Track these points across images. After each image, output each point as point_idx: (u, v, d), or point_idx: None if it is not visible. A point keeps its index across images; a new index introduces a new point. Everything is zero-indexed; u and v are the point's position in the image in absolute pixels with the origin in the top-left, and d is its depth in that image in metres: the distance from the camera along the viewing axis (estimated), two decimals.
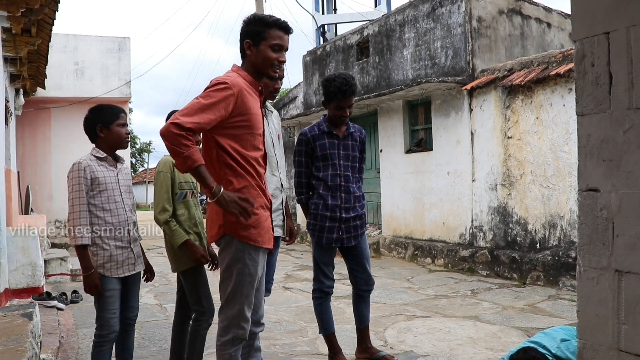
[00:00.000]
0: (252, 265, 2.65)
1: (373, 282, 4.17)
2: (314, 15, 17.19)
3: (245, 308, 2.66)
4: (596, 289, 1.90)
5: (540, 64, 7.53)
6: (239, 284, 2.64)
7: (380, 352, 4.16)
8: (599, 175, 1.89)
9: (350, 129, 4.06)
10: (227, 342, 2.66)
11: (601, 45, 1.90)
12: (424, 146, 9.76)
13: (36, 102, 12.24)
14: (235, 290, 2.64)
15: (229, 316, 2.66)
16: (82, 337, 4.93)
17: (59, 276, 8.00)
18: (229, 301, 2.66)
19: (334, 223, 3.91)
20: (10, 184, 7.97)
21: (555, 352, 2.95)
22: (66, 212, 3.17)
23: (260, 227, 2.69)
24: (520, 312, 5.74)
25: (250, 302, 2.68)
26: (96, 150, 3.29)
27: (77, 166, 3.15)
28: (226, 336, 2.66)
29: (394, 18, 10.24)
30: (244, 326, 2.67)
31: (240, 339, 2.68)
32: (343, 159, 3.95)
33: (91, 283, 3.10)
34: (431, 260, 9.08)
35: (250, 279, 2.65)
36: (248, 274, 2.65)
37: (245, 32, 2.74)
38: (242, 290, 2.64)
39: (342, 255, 4.13)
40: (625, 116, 1.81)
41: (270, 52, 2.70)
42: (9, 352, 2.63)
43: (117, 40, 13.35)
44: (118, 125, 3.28)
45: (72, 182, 3.13)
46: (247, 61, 2.77)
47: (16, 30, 6.28)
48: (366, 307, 4.18)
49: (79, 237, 3.06)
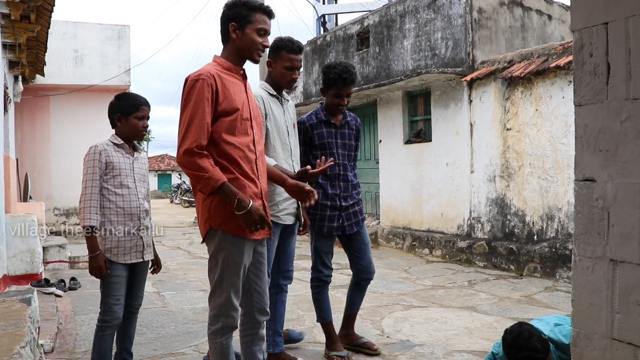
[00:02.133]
0: (236, 254, 2.64)
1: (374, 271, 4.15)
2: (315, 4, 17.15)
3: (232, 296, 2.64)
4: (591, 278, 1.91)
5: (540, 56, 7.52)
6: (224, 272, 2.63)
7: (361, 339, 4.18)
8: (595, 165, 1.90)
9: (347, 117, 4.07)
10: (217, 330, 2.66)
11: (600, 35, 1.91)
12: (423, 137, 9.76)
13: (35, 90, 12.20)
14: (221, 278, 2.64)
15: (217, 304, 2.66)
16: (80, 324, 4.95)
17: (57, 263, 8.02)
18: (215, 289, 2.67)
19: (335, 212, 3.92)
20: (9, 171, 7.97)
21: (548, 334, 2.98)
22: (65, 200, 3.21)
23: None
24: (516, 303, 5.77)
25: (236, 289, 2.66)
26: (114, 137, 3.36)
27: (93, 149, 3.21)
28: (216, 325, 2.67)
29: (394, 8, 10.20)
30: (232, 314, 2.66)
31: (230, 327, 2.68)
32: (341, 148, 3.96)
33: (96, 265, 3.12)
34: (429, 251, 9.11)
35: (235, 267, 2.64)
36: (233, 262, 2.63)
37: (230, 16, 2.69)
38: (227, 278, 2.63)
39: (342, 244, 4.13)
40: (623, 106, 1.82)
41: (256, 36, 2.68)
42: (8, 337, 2.64)
43: (117, 28, 13.29)
44: (136, 117, 3.33)
45: (87, 164, 3.18)
46: (230, 45, 2.73)
47: (15, 17, 6.24)
48: (360, 296, 4.19)
49: (87, 217, 3.10)
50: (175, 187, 31.60)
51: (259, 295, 2.85)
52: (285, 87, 3.63)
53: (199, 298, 6.01)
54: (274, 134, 3.50)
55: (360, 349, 4.11)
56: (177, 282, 6.95)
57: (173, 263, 8.57)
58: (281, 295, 3.77)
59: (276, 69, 3.54)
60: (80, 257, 8.12)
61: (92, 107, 12.95)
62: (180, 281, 7.05)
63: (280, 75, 3.54)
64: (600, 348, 1.87)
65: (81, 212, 3.15)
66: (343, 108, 3.97)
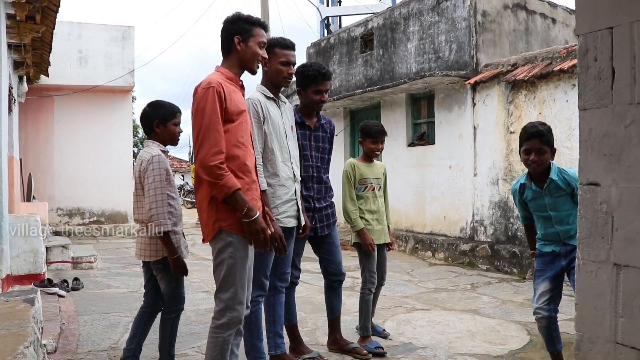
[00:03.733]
0: (242, 249, 2.75)
1: (344, 272, 4.19)
2: (319, 7, 17.16)
3: (239, 290, 2.74)
4: (595, 282, 1.91)
5: (544, 60, 7.52)
6: (232, 268, 2.73)
7: (350, 344, 4.17)
8: (599, 169, 1.91)
9: (322, 120, 4.10)
10: (222, 325, 2.73)
11: (604, 40, 1.91)
12: (427, 140, 9.76)
13: (39, 90, 12.23)
14: (228, 274, 2.73)
15: (224, 299, 2.74)
16: (83, 324, 4.96)
17: (60, 263, 8.03)
18: (223, 285, 2.75)
19: (308, 213, 3.90)
20: (12, 171, 7.99)
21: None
22: (68, 200, 3.26)
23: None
24: (519, 306, 5.76)
25: (243, 285, 2.76)
26: (157, 144, 3.51)
27: (158, 158, 3.39)
28: (221, 319, 2.73)
29: (398, 11, 10.21)
30: (238, 309, 2.74)
31: (235, 323, 2.76)
32: (314, 150, 3.97)
33: (181, 264, 3.38)
34: (432, 254, 9.10)
35: (242, 262, 2.75)
36: (239, 257, 2.74)
37: (233, 30, 2.88)
38: (235, 274, 2.73)
39: (312, 246, 4.11)
40: (627, 111, 1.82)
41: (258, 48, 2.90)
42: (11, 336, 2.65)
43: (121, 29, 13.32)
44: (174, 123, 3.54)
45: (155, 172, 3.34)
46: (232, 57, 2.91)
47: (20, 17, 6.27)
48: (337, 298, 4.19)
49: (164, 223, 3.29)
50: (177, 188, 31.67)
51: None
52: (282, 84, 3.64)
53: (201, 299, 6.02)
54: (272, 137, 3.51)
55: (349, 354, 4.10)
56: None
57: None
58: (278, 297, 3.72)
59: (272, 66, 3.56)
60: (83, 258, 8.14)
61: (96, 107, 13.00)
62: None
63: (276, 72, 3.56)
64: (603, 352, 1.87)
65: (153, 218, 3.30)
66: (323, 105, 4.00)
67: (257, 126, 3.43)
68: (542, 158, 3.29)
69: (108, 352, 4.18)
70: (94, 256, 8.31)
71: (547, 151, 3.29)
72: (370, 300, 4.31)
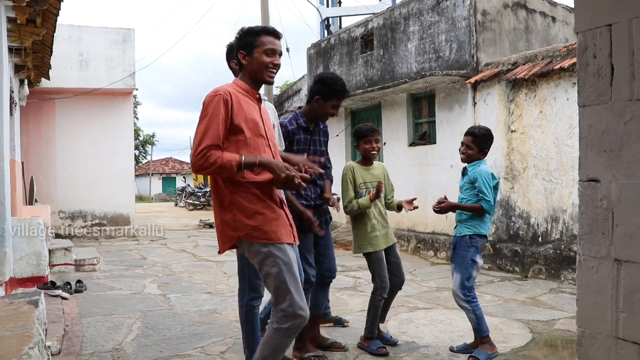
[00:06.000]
0: (282, 255, 2.73)
1: (336, 269, 4.24)
2: (319, 7, 17.16)
3: (295, 296, 2.69)
4: (595, 278, 1.92)
5: (545, 58, 7.52)
6: (279, 276, 2.70)
7: (328, 340, 4.24)
8: (599, 165, 1.92)
9: (320, 125, 4.15)
10: (282, 330, 2.70)
11: (603, 37, 1.92)
12: (428, 139, 9.77)
13: (40, 93, 12.25)
14: (278, 284, 2.70)
15: (284, 308, 2.70)
16: (87, 326, 4.97)
17: (63, 266, 8.05)
18: (278, 296, 2.71)
19: (310, 210, 3.96)
20: (15, 175, 8.01)
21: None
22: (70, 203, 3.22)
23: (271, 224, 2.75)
24: (521, 304, 5.77)
25: (297, 287, 2.72)
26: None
27: None
28: (283, 324, 2.70)
29: (398, 11, 10.22)
30: (301, 314, 2.70)
31: (297, 328, 2.73)
32: (312, 154, 4.03)
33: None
34: (434, 253, 9.10)
35: (287, 267, 2.72)
36: (283, 263, 2.71)
37: (239, 46, 2.91)
38: (285, 281, 2.70)
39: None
40: (626, 107, 1.83)
41: (264, 56, 2.86)
42: (16, 338, 2.67)
43: (122, 31, 13.33)
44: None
45: None
46: (244, 72, 2.93)
47: (21, 20, 6.29)
48: (324, 295, 4.25)
49: None
50: (179, 190, 31.68)
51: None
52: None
53: (204, 300, 6.03)
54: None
55: (328, 350, 4.15)
56: (182, 285, 6.97)
57: (178, 266, 8.59)
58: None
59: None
60: (86, 260, 8.15)
61: (97, 110, 13.02)
62: (186, 283, 7.07)
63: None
64: (605, 347, 1.88)
65: None
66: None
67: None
68: (469, 152, 4.16)
69: (112, 353, 4.19)
70: (97, 258, 8.32)
71: (473, 148, 4.14)
72: (379, 307, 4.25)
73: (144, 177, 50.58)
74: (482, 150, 4.13)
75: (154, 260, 9.17)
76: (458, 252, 4.08)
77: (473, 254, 4.01)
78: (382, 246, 4.27)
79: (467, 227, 4.08)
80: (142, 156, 55.03)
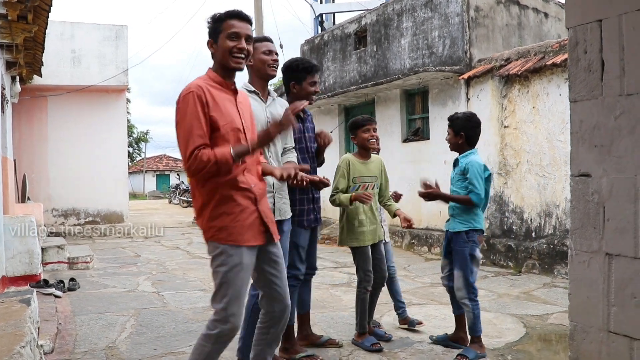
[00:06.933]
0: (236, 257, 2.63)
1: (316, 267, 4.18)
2: (312, 4, 17.15)
3: (231, 301, 2.60)
4: (587, 272, 1.93)
5: (537, 54, 7.54)
6: (224, 277, 2.61)
7: (322, 337, 4.22)
8: (590, 160, 1.92)
9: (306, 112, 4.08)
10: (210, 336, 2.62)
11: (594, 32, 1.93)
12: (421, 135, 9.78)
13: (33, 90, 12.18)
14: (220, 283, 2.62)
15: (217, 309, 2.62)
16: (80, 324, 4.96)
17: (56, 264, 8.01)
18: (216, 295, 2.65)
19: (310, 204, 3.92)
20: (7, 172, 7.97)
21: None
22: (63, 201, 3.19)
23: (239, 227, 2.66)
24: (515, 299, 5.79)
25: (237, 295, 2.63)
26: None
27: None
28: (212, 330, 2.62)
29: (391, 7, 10.22)
30: (231, 321, 2.61)
31: (226, 337, 2.64)
32: (309, 141, 3.98)
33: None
34: (427, 249, 9.13)
35: (235, 269, 2.62)
36: (233, 264, 2.62)
37: (208, 34, 2.78)
38: (227, 283, 2.61)
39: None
40: (617, 102, 1.84)
41: (227, 41, 2.70)
42: (8, 337, 2.65)
43: (115, 28, 13.27)
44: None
45: None
46: (214, 61, 2.81)
47: (12, 17, 6.24)
48: (308, 291, 4.17)
49: None
50: (173, 187, 31.58)
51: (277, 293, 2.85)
52: (269, 72, 3.57)
53: (198, 297, 6.02)
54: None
55: (323, 347, 4.14)
56: (176, 282, 6.96)
57: (172, 263, 8.58)
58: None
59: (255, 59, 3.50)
60: (79, 258, 8.12)
61: (90, 107, 12.95)
62: (180, 281, 7.06)
63: (261, 62, 3.53)
64: (596, 341, 1.89)
65: None
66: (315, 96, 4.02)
67: None
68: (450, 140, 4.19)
69: (105, 351, 4.18)
70: (90, 256, 8.29)
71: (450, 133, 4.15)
72: (366, 299, 4.22)
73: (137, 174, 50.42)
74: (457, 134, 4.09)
75: (148, 258, 9.15)
76: (455, 249, 4.02)
77: (472, 249, 3.97)
78: (368, 242, 4.22)
79: (461, 223, 4.01)
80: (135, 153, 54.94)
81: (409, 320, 4.73)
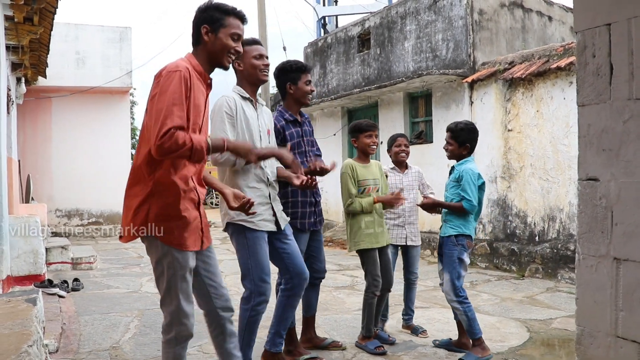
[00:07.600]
0: (182, 260, 2.56)
1: (325, 270, 4.17)
2: (315, 6, 17.15)
3: (182, 303, 2.57)
4: (595, 277, 1.93)
5: (541, 57, 7.54)
6: (172, 279, 2.55)
7: (326, 340, 4.21)
8: (598, 164, 1.92)
9: (303, 115, 4.09)
10: (171, 340, 2.61)
11: (602, 36, 1.93)
12: (424, 138, 9.78)
13: (37, 91, 12.22)
14: (169, 286, 2.56)
15: (169, 312, 2.59)
16: (84, 324, 4.97)
17: (60, 264, 8.03)
18: (165, 298, 2.59)
19: (311, 207, 3.91)
20: (11, 173, 7.99)
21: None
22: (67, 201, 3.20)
23: (180, 229, 2.54)
24: (518, 303, 5.78)
25: (187, 295, 2.59)
26: None
27: None
28: (169, 334, 2.61)
29: (395, 10, 10.23)
30: (185, 322, 2.60)
31: (184, 337, 2.63)
32: (307, 145, 3.98)
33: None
34: (430, 252, 9.11)
35: (182, 272, 2.56)
36: (179, 267, 2.55)
37: (202, 18, 2.62)
38: (176, 285, 2.55)
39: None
40: (625, 106, 1.84)
41: (230, 40, 2.61)
42: (15, 336, 2.66)
43: (119, 30, 13.31)
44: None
45: None
46: (201, 49, 2.64)
47: (18, 19, 6.27)
48: (315, 295, 4.17)
49: None
50: None
51: (215, 291, 2.80)
52: (260, 77, 3.48)
53: None
54: (245, 138, 3.34)
55: (327, 349, 4.13)
56: None
57: None
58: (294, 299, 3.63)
59: (245, 63, 3.44)
60: (83, 259, 8.14)
61: (93, 109, 12.99)
62: None
63: (252, 67, 3.44)
64: (604, 346, 1.89)
65: None
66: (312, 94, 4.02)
67: (230, 123, 3.29)
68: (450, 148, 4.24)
69: (109, 351, 4.19)
70: (94, 257, 8.31)
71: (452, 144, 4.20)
72: (373, 304, 4.20)
73: None
74: (463, 145, 4.14)
75: None
76: (445, 252, 4.11)
77: (460, 252, 4.04)
78: (375, 244, 4.21)
79: (451, 227, 4.14)
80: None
81: (413, 327, 4.71)
